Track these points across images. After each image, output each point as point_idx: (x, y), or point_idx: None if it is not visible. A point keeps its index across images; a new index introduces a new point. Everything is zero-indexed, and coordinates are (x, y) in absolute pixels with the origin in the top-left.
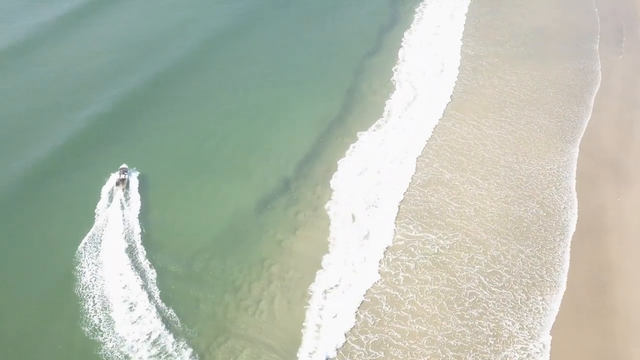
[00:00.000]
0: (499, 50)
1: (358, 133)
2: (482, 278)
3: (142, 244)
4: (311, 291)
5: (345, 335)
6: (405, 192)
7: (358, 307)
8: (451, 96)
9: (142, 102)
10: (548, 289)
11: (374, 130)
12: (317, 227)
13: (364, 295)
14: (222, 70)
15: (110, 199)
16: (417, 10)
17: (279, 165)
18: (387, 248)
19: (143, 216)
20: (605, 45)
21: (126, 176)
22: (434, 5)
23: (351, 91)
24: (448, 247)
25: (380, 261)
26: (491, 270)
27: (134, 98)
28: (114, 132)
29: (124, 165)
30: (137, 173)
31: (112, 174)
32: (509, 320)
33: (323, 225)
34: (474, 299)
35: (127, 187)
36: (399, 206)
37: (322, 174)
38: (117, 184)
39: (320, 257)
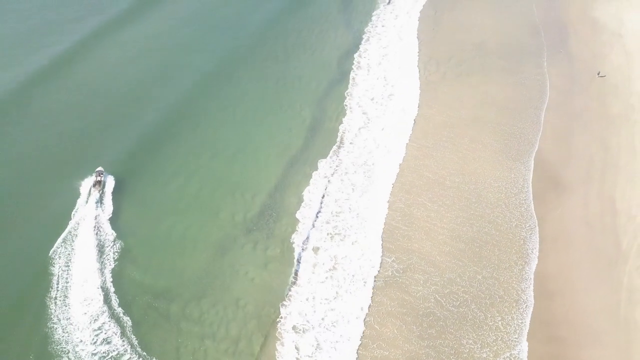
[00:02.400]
0: (441, 69)
1: (318, 161)
2: (439, 297)
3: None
4: (284, 328)
5: None
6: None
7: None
8: (396, 119)
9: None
10: (507, 308)
11: (331, 157)
12: (287, 260)
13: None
14: (183, 108)
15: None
16: (366, 31)
17: (245, 201)
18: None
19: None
20: (539, 59)
21: (102, 178)
22: (380, 27)
23: (308, 119)
24: (402, 270)
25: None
26: (448, 290)
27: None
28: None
29: (99, 168)
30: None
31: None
32: (470, 339)
33: (293, 258)
34: (431, 317)
35: (103, 187)
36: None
37: (288, 206)
38: (94, 185)
39: (293, 291)
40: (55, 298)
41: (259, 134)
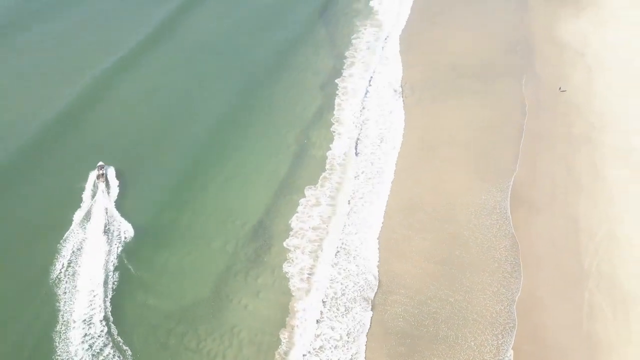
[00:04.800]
0: (416, 92)
1: (306, 188)
2: (408, 317)
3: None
4: (280, 353)
5: None
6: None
7: None
8: (372, 143)
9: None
10: (480, 330)
11: (322, 186)
12: (278, 288)
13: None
14: (169, 138)
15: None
16: (347, 55)
17: (236, 229)
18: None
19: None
20: (514, 79)
21: (104, 171)
22: (359, 51)
23: (295, 145)
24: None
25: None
26: (417, 310)
27: None
28: None
29: (100, 163)
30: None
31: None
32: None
33: (283, 286)
34: (400, 335)
35: (106, 179)
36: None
37: (277, 235)
38: (98, 177)
39: (284, 318)
40: (60, 332)
41: (248, 162)
